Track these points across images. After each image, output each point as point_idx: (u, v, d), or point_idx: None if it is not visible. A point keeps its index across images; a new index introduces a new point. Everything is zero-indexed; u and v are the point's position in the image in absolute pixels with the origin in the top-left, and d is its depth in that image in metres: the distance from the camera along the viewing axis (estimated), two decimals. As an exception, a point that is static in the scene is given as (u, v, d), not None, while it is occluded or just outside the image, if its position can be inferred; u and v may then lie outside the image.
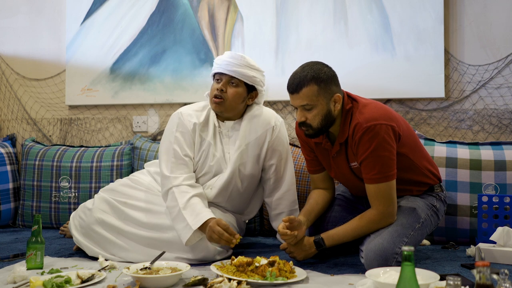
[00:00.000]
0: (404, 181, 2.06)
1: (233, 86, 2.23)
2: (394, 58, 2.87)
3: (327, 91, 1.96)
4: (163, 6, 3.27)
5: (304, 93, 1.94)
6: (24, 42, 3.56)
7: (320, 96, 1.95)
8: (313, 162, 2.24)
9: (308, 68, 1.96)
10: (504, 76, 2.77)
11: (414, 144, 2.10)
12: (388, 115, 1.97)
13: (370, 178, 1.96)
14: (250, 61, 2.23)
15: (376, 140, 1.91)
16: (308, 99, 1.94)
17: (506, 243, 2.10)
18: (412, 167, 2.09)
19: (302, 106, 1.97)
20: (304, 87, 1.93)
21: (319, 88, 1.94)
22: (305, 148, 2.24)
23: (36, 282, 1.67)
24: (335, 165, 2.13)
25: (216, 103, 2.23)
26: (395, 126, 1.96)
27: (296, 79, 1.96)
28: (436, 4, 2.81)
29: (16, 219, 3.19)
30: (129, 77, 3.32)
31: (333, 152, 2.09)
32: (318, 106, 1.96)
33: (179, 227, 2.08)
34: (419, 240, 2.03)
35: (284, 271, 1.78)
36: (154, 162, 2.49)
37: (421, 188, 2.16)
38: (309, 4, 3.01)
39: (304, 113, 1.98)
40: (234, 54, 2.22)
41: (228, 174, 2.25)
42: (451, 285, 1.20)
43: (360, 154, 1.96)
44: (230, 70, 2.20)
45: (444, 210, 2.21)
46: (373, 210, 1.98)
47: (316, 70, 1.95)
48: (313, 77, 1.93)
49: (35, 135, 3.54)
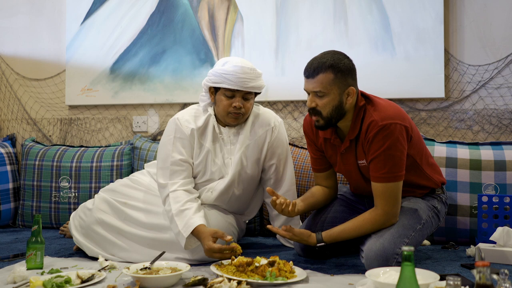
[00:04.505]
0: (407, 183, 2.05)
1: (248, 99, 2.20)
2: (394, 58, 2.87)
3: (342, 82, 1.94)
4: (163, 6, 3.27)
5: (319, 79, 1.92)
6: (24, 42, 3.56)
7: (334, 86, 1.93)
8: (318, 161, 2.24)
9: (329, 56, 1.95)
10: (504, 76, 2.77)
11: (421, 148, 2.10)
12: (402, 115, 1.97)
13: (379, 177, 1.95)
14: (258, 71, 2.20)
15: (390, 139, 1.91)
16: (322, 86, 1.93)
17: (506, 243, 2.10)
18: (416, 170, 2.08)
19: (315, 92, 1.95)
20: (320, 73, 1.92)
21: (335, 77, 1.92)
22: (311, 147, 2.23)
23: (36, 282, 1.67)
24: (342, 161, 2.12)
25: (236, 117, 2.20)
26: (408, 127, 1.96)
27: (315, 64, 1.94)
28: (436, 4, 2.81)
29: (16, 219, 3.19)
30: (129, 77, 3.32)
31: (342, 148, 2.07)
32: (330, 95, 1.94)
33: (174, 233, 2.08)
34: (419, 241, 2.04)
35: (284, 271, 1.78)
36: (154, 163, 2.48)
37: (423, 191, 2.16)
38: (309, 4, 3.01)
39: (315, 99, 1.96)
40: (245, 69, 2.14)
41: (229, 178, 2.24)
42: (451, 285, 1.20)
43: (372, 152, 1.95)
44: (246, 87, 2.14)
45: (445, 211, 2.21)
46: (378, 210, 1.97)
47: (336, 59, 1.94)
48: (332, 65, 1.92)
49: (35, 135, 3.54)
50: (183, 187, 2.17)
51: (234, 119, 2.21)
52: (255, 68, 2.18)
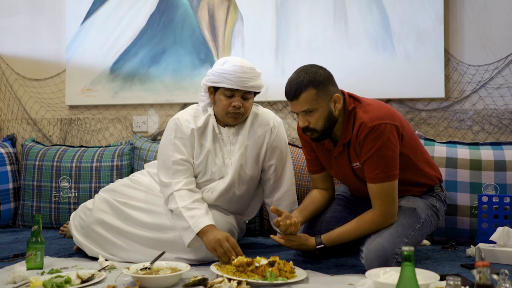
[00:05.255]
0: (404, 181, 2.06)
1: (247, 99, 2.20)
2: (394, 58, 2.87)
3: (325, 92, 1.95)
4: (163, 6, 3.27)
5: (304, 98, 1.93)
6: (24, 42, 3.56)
7: (319, 99, 1.94)
8: (313, 162, 2.24)
9: (303, 73, 1.95)
10: (504, 76, 2.77)
11: (415, 145, 2.10)
12: (392, 115, 1.98)
13: (373, 178, 1.96)
14: (257, 70, 2.20)
15: (381, 140, 1.91)
16: (308, 103, 1.93)
17: (506, 243, 2.10)
18: (412, 168, 2.09)
19: (303, 111, 1.96)
20: (302, 92, 1.92)
21: (317, 91, 1.93)
22: (306, 148, 2.24)
23: (36, 282, 1.67)
24: (337, 165, 2.13)
25: (235, 117, 2.20)
26: (399, 126, 1.96)
27: (294, 86, 1.94)
28: (436, 4, 2.81)
29: (16, 219, 3.19)
30: (129, 77, 3.32)
31: (335, 152, 2.08)
32: (319, 109, 1.95)
33: (181, 229, 2.08)
34: (419, 241, 2.04)
35: (284, 271, 1.78)
36: (154, 163, 2.48)
37: (421, 188, 2.16)
38: (309, 4, 3.01)
39: (306, 117, 1.97)
40: (245, 68, 2.14)
41: (229, 178, 2.24)
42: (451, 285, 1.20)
43: (364, 153, 1.96)
44: (245, 86, 2.14)
45: (444, 210, 2.21)
46: (375, 211, 1.97)
47: (311, 73, 1.94)
48: (310, 81, 1.92)
49: (35, 135, 3.54)
50: (187, 186, 2.17)
51: (233, 119, 2.21)
52: (254, 68, 2.18)
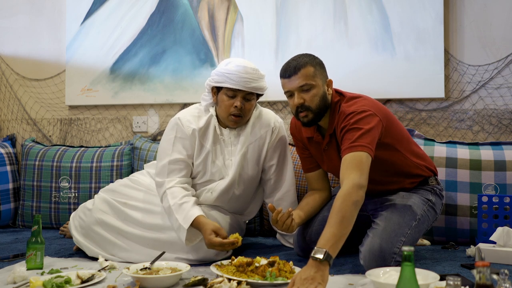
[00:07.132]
0: (394, 172, 2.06)
1: (249, 100, 2.21)
2: (394, 58, 2.87)
3: (322, 73, 2.05)
4: (163, 6, 3.27)
5: (303, 73, 1.99)
6: (24, 42, 3.56)
7: (317, 77, 2.01)
8: (307, 159, 2.25)
9: (302, 55, 2.05)
10: (504, 76, 2.77)
11: (401, 137, 2.10)
12: (377, 107, 1.99)
13: (346, 148, 1.88)
14: (261, 72, 2.21)
15: (359, 115, 1.93)
16: (307, 78, 1.99)
17: (506, 243, 2.10)
18: (400, 157, 2.08)
19: (300, 87, 2.00)
20: (302, 68, 2.00)
21: (315, 69, 2.01)
22: (299, 147, 2.27)
23: (36, 282, 1.67)
24: (327, 158, 2.14)
25: (236, 121, 2.21)
26: (380, 118, 1.96)
27: (293, 63, 2.02)
28: (436, 4, 2.80)
29: (16, 219, 3.19)
30: (129, 77, 3.32)
31: (324, 144, 2.11)
32: (316, 87, 2.01)
33: (175, 228, 2.09)
34: (417, 238, 2.03)
35: (284, 271, 1.79)
36: (154, 163, 2.48)
37: (413, 180, 2.14)
38: (309, 4, 3.01)
39: (302, 95, 2.01)
40: (248, 69, 2.15)
41: (230, 179, 2.24)
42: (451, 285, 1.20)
43: (341, 128, 1.95)
44: (248, 87, 2.15)
45: (441, 203, 2.19)
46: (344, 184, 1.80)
47: (310, 56, 2.05)
48: (309, 61, 2.02)
49: (35, 135, 3.54)
50: (180, 184, 2.18)
51: (234, 123, 2.22)
52: (258, 69, 2.19)
